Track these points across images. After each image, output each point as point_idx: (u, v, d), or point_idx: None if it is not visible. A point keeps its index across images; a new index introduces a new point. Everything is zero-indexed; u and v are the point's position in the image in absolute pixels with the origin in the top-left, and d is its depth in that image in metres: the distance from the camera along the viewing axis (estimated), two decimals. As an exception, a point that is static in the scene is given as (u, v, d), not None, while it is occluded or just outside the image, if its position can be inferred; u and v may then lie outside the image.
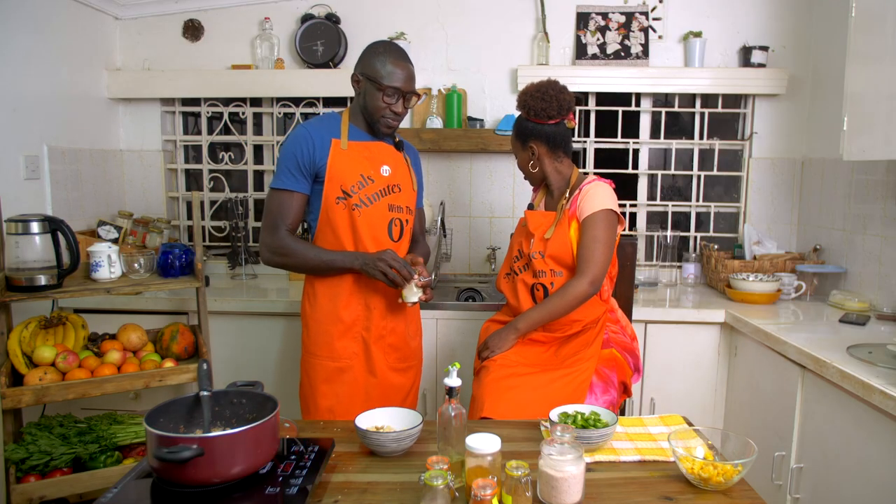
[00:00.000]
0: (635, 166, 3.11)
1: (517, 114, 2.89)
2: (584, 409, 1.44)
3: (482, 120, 2.97)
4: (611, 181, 2.00)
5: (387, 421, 1.43)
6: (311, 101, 3.09)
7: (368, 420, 1.41)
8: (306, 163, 1.81)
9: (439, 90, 2.97)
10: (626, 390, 1.91)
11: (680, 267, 3.02)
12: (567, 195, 1.94)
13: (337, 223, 1.84)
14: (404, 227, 1.92)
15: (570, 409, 1.45)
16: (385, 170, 1.87)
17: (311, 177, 1.83)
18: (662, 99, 3.14)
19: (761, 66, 2.84)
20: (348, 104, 3.10)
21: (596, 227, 1.86)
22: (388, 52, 1.80)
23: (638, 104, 3.05)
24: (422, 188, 2.09)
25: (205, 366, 1.31)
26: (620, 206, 2.41)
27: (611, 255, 1.90)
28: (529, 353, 1.93)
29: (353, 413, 1.81)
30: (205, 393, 1.27)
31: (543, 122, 1.93)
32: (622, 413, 2.09)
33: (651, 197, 3.13)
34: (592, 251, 1.84)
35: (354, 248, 1.85)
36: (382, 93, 1.78)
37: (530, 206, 2.05)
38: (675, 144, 3.06)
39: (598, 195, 1.89)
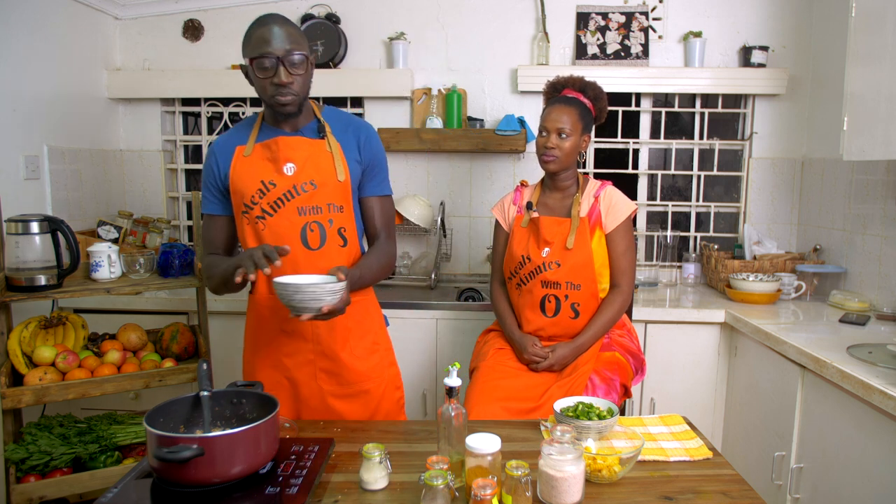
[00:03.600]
0: (635, 166, 3.11)
1: (516, 115, 2.91)
2: (586, 399, 1.47)
3: (482, 120, 2.97)
4: (610, 181, 2.00)
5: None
6: (311, 101, 3.09)
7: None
8: (212, 181, 1.64)
9: (439, 90, 2.97)
10: (626, 392, 1.91)
11: (680, 267, 3.02)
12: (580, 200, 1.94)
13: (244, 240, 1.64)
14: (327, 230, 1.61)
15: (571, 401, 1.46)
16: (289, 168, 1.58)
17: (226, 194, 1.64)
18: (662, 99, 3.14)
19: (761, 66, 2.83)
20: (348, 104, 3.12)
21: (625, 236, 1.93)
22: (256, 21, 1.56)
23: (638, 104, 3.05)
24: (377, 171, 1.70)
25: (204, 366, 1.31)
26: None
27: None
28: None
29: None
30: (205, 393, 1.27)
31: (595, 121, 2.03)
32: (622, 413, 2.09)
33: (651, 197, 3.13)
34: (629, 262, 1.94)
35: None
36: (254, 67, 1.51)
37: (529, 205, 1.99)
38: (675, 144, 3.06)
39: (620, 202, 1.94)
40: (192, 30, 3.06)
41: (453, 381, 1.26)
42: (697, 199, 3.09)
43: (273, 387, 1.66)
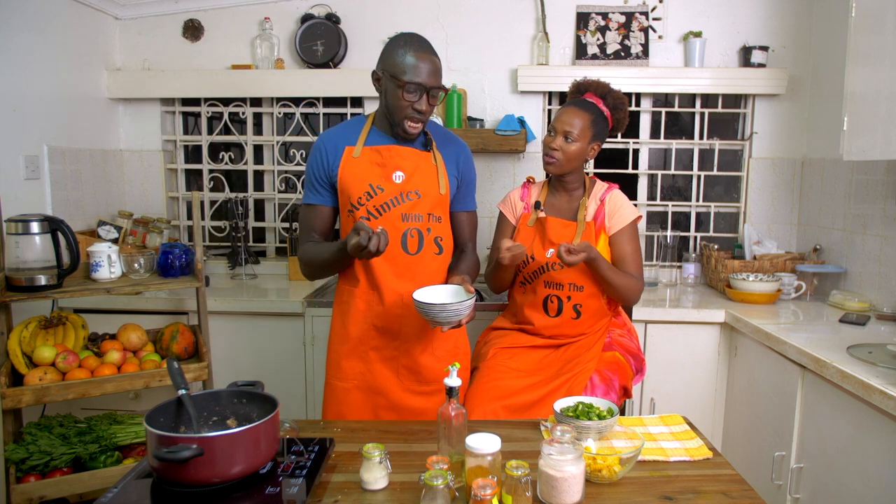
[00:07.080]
0: (635, 166, 3.11)
1: (516, 115, 2.91)
2: (586, 399, 1.46)
3: (482, 120, 2.97)
4: (617, 185, 2.00)
5: (441, 298, 1.62)
6: (311, 101, 3.09)
7: (424, 297, 1.58)
8: (320, 175, 1.75)
9: (439, 90, 2.97)
10: (626, 393, 1.91)
11: (680, 267, 3.02)
12: (586, 204, 1.93)
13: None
14: (425, 238, 1.73)
15: (571, 401, 1.46)
16: (398, 176, 1.71)
17: (331, 187, 1.76)
18: (662, 99, 3.14)
19: (761, 66, 2.83)
20: (348, 104, 3.12)
21: (632, 238, 1.93)
22: (409, 43, 1.65)
23: (638, 104, 3.05)
24: (469, 188, 1.87)
25: (175, 364, 1.31)
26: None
27: None
28: (528, 358, 1.92)
29: None
30: (182, 391, 1.25)
31: (613, 131, 2.01)
32: (622, 413, 2.09)
33: (651, 197, 3.13)
34: (636, 262, 1.92)
35: (362, 264, 1.73)
36: (402, 89, 1.62)
37: (538, 205, 1.99)
38: (675, 144, 3.06)
39: (624, 206, 1.93)
40: (192, 30, 3.06)
41: (453, 381, 1.26)
42: (697, 199, 3.09)
43: (355, 377, 1.77)
